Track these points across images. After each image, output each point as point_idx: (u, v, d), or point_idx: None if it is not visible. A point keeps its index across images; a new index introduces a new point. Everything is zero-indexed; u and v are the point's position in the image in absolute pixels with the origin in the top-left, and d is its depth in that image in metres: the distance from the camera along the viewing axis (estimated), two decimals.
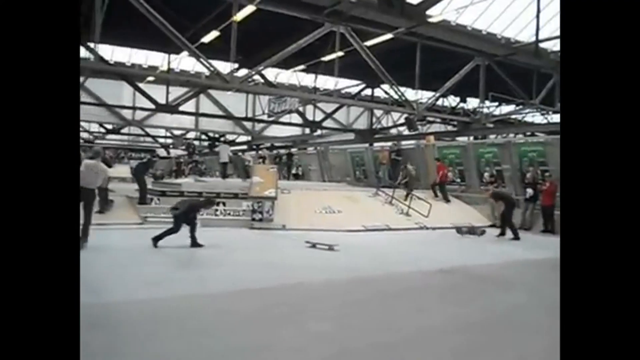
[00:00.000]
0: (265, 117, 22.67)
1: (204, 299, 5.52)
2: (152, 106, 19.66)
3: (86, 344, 3.81)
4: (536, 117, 23.74)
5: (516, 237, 11.56)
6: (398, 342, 4.33)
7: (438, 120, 23.63)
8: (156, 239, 8.66)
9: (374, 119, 26.62)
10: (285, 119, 22.83)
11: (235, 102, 25.44)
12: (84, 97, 20.09)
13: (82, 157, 11.66)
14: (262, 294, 5.93)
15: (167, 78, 20.63)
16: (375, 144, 22.13)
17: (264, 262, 7.89)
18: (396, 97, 17.98)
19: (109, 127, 29.74)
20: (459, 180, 16.48)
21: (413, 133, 20.20)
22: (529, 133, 21.56)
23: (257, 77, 18.26)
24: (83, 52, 16.63)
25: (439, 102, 23.43)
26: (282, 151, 23.79)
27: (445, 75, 17.31)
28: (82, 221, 7.84)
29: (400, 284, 6.84)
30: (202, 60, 13.43)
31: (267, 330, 4.51)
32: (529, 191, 13.61)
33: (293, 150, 26.23)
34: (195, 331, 4.37)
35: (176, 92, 21.42)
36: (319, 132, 25.58)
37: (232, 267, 7.43)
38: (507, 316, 5.47)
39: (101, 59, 14.32)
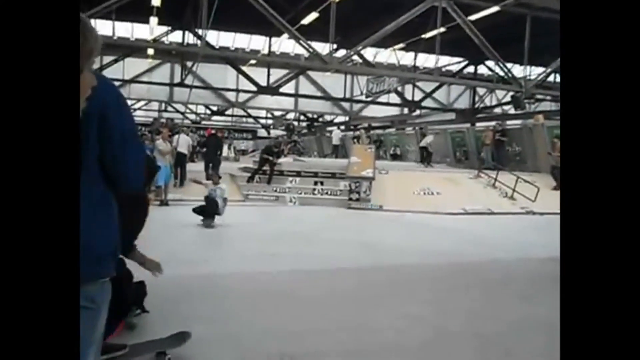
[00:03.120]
0: (363, 97, 22.53)
1: (302, 275, 5.66)
2: (254, 88, 20.38)
3: (194, 310, 4.09)
4: None
5: None
6: (498, 332, 4.13)
7: (548, 97, 21.97)
8: None
9: (477, 98, 25.38)
10: (383, 98, 22.53)
11: (333, 83, 25.54)
12: (193, 81, 21.26)
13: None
14: (359, 274, 5.95)
15: (268, 61, 21.18)
16: (478, 124, 21.13)
17: (360, 242, 7.92)
18: (502, 74, 16.95)
19: (214, 108, 31.32)
20: None
21: (520, 112, 18.99)
22: None
23: (355, 57, 18.15)
24: (191, 39, 17.60)
25: (550, 79, 21.76)
26: (362, 132, 23.52)
27: (558, 49, 15.96)
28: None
29: (503, 271, 6.52)
30: (301, 42, 13.59)
31: (364, 310, 4.52)
32: None
33: (390, 130, 25.87)
34: (293, 306, 4.49)
35: (277, 74, 21.97)
36: (418, 111, 24.97)
37: (328, 245, 7.53)
38: None
39: (207, 44, 15.02)
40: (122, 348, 3.13)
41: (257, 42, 21.98)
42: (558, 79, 23.31)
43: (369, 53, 20.65)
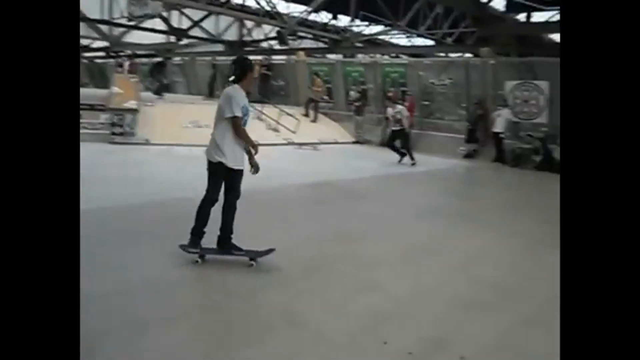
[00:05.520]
0: (124, 21, 20.60)
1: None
2: None
3: None
4: (402, 40, 24.66)
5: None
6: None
7: (310, 36, 23.47)
8: None
9: (245, 31, 25.59)
10: (147, 24, 20.98)
11: (88, 2, 22.61)
12: None
13: None
14: (128, 212, 5.77)
15: None
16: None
17: (128, 178, 7.57)
18: (268, 8, 17.39)
19: None
20: (326, 97, 16.86)
21: (284, 48, 19.92)
22: (393, 54, 22.44)
23: None
24: None
25: (312, 18, 23.20)
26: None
27: None
28: None
29: (268, 198, 7.05)
30: None
31: (126, 248, 4.45)
32: (390, 110, 14.46)
33: (158, 59, 24.47)
34: None
35: None
36: (185, 41, 24.02)
37: (92, 184, 7.00)
38: (370, 225, 6.00)
39: None
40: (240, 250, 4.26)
41: None
42: (318, 19, 24.96)
43: None
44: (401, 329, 3.34)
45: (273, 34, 21.25)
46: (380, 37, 23.07)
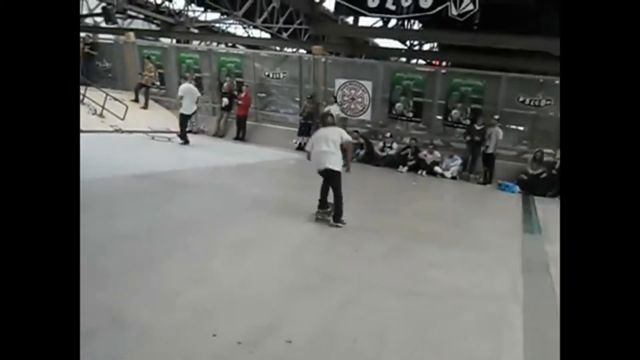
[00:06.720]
0: None
1: None
2: None
3: None
4: (239, 30, 24.55)
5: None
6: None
7: (141, 16, 22.04)
8: None
9: None
10: None
11: None
12: None
13: None
14: None
15: None
16: None
17: None
18: None
19: None
20: (158, 83, 16.08)
21: (111, 26, 18.43)
22: (230, 44, 22.27)
23: None
24: None
25: None
26: None
27: None
28: None
29: (90, 190, 6.54)
30: None
31: None
32: (225, 100, 14.41)
33: None
34: None
35: None
36: None
37: None
38: (199, 216, 5.92)
39: None
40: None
41: None
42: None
43: None
44: (231, 320, 3.41)
45: (99, 10, 19.45)
46: (217, 25, 22.72)
